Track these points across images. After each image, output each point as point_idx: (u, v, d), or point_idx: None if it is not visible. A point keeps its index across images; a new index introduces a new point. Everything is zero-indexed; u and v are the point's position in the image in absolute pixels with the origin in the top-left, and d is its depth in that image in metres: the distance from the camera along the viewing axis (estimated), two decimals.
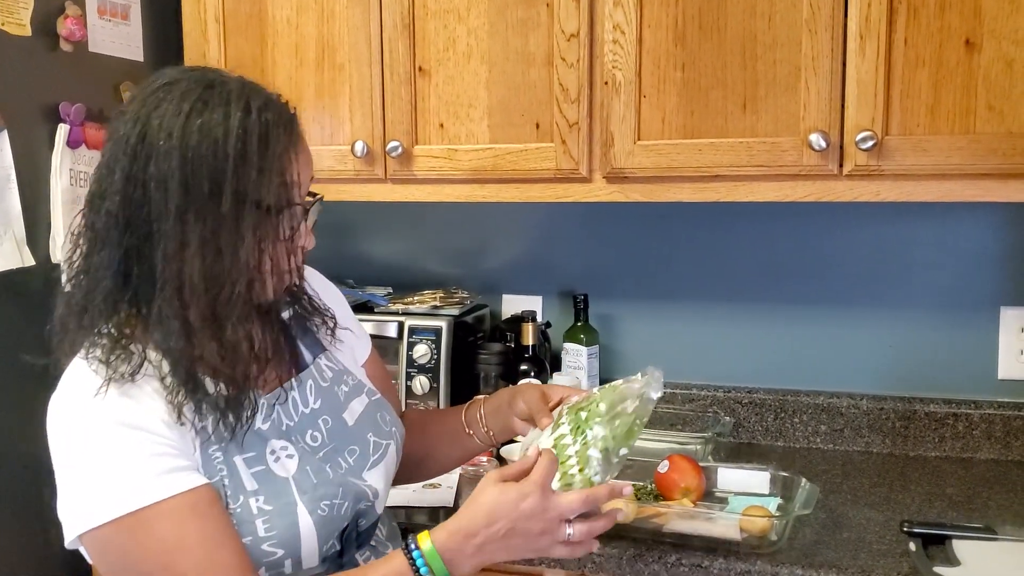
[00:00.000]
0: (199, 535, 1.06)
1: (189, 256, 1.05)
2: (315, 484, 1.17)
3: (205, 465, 1.11)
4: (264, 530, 1.11)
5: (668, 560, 1.44)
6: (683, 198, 1.73)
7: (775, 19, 1.62)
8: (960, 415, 1.93)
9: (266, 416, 1.18)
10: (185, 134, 1.05)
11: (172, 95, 1.08)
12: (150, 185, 1.05)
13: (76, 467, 1.06)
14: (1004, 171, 1.55)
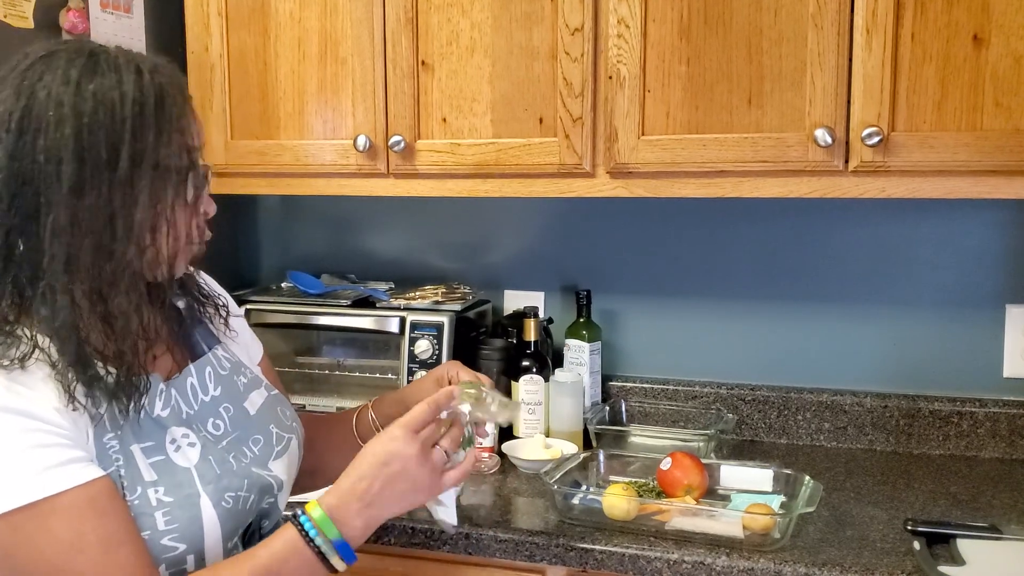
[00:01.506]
0: (98, 533, 0.99)
1: (80, 228, 1.01)
2: (219, 475, 1.13)
3: (100, 455, 1.04)
4: (164, 523, 1.06)
5: (670, 558, 1.44)
6: (687, 194, 1.72)
7: (781, 13, 1.61)
8: (965, 413, 1.92)
9: (165, 403, 1.14)
10: (78, 101, 1.01)
11: (55, 65, 1.03)
12: (39, 159, 1.00)
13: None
14: (1011, 168, 1.54)
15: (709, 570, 1.42)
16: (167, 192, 1.06)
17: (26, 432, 0.98)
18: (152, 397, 1.12)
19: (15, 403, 0.99)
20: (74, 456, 1.00)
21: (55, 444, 0.99)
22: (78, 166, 1.00)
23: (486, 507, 1.66)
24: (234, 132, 1.97)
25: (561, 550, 1.49)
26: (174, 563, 1.07)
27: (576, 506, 1.58)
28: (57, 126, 1.00)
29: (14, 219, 1.01)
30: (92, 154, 1.01)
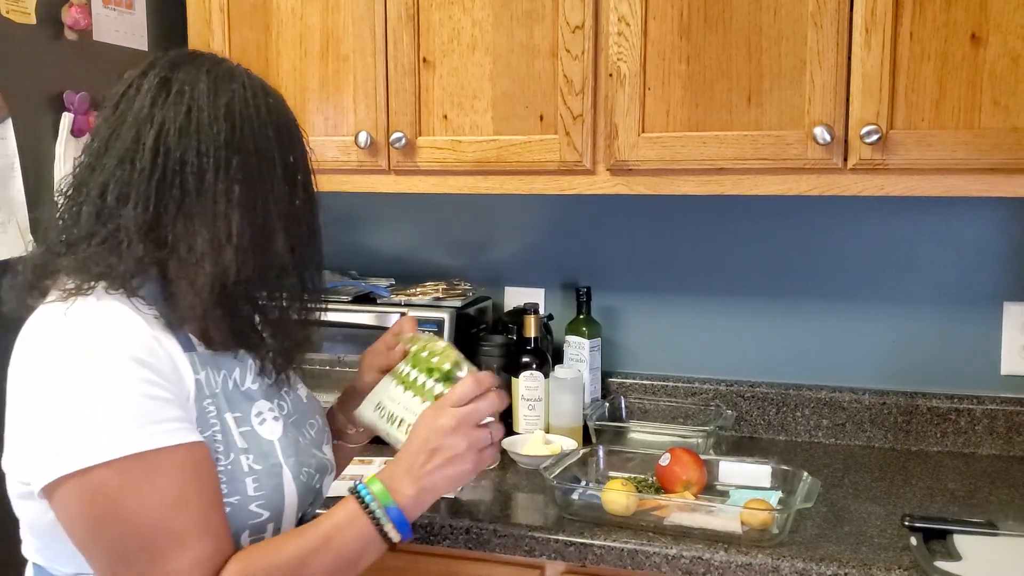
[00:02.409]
0: (199, 495, 1.02)
1: (236, 216, 1.09)
2: (296, 450, 1.18)
3: (200, 418, 1.08)
4: (253, 489, 1.10)
5: (669, 553, 1.45)
6: (687, 191, 1.73)
7: (780, 12, 1.62)
8: (962, 410, 1.93)
9: (254, 376, 1.19)
10: (267, 105, 1.14)
11: (192, 66, 1.13)
12: (209, 159, 1.08)
13: (73, 402, 0.98)
14: (1009, 166, 1.54)
15: (707, 565, 1.43)
16: (301, 190, 1.18)
17: (145, 383, 1.01)
18: (244, 370, 1.18)
19: (139, 352, 1.02)
20: (182, 416, 1.04)
21: (169, 400, 1.03)
22: (276, 166, 1.12)
23: (486, 502, 1.66)
24: None
25: (560, 545, 1.50)
26: (256, 530, 1.11)
27: (575, 501, 1.59)
28: (259, 126, 1.11)
29: (179, 195, 1.07)
30: (280, 157, 1.13)
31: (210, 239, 1.07)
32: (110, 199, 1.08)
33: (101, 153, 1.11)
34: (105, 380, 0.99)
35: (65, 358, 1.00)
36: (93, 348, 1.01)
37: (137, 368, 1.01)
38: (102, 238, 1.07)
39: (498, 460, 1.23)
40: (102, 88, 1.83)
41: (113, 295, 1.05)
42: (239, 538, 1.10)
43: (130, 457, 0.98)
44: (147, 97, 1.10)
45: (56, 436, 0.98)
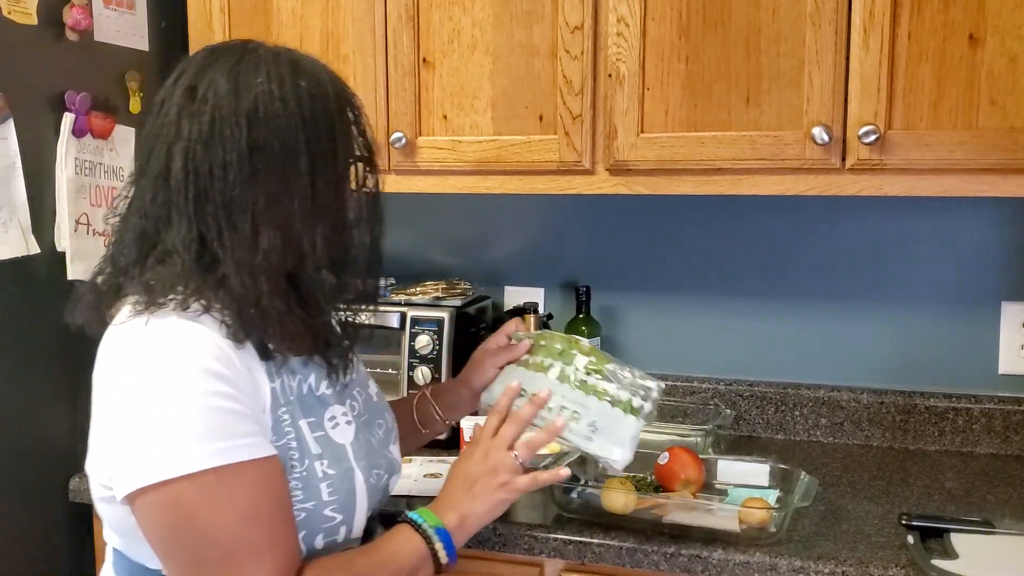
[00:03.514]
0: (270, 507, 1.05)
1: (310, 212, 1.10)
2: (367, 452, 1.21)
3: (275, 427, 1.10)
4: (328, 494, 1.12)
5: (667, 551, 1.45)
6: (686, 191, 1.73)
7: (779, 12, 1.62)
8: (960, 409, 1.94)
9: (330, 381, 1.21)
10: (299, 97, 1.09)
11: (263, 63, 1.10)
12: (270, 150, 1.07)
13: (151, 415, 1.00)
14: (1006, 166, 1.55)
15: (705, 563, 1.43)
16: (347, 185, 1.17)
17: (221, 397, 1.02)
18: (319, 376, 1.19)
19: (214, 366, 1.03)
20: (256, 429, 1.06)
21: (244, 414, 1.05)
22: (307, 159, 1.08)
23: None
24: None
25: (559, 543, 1.51)
26: (329, 533, 1.14)
27: (574, 500, 1.59)
28: (284, 120, 1.08)
29: (258, 193, 1.07)
30: (313, 147, 1.09)
31: (251, 247, 1.06)
32: (150, 223, 1.09)
33: (141, 174, 1.12)
34: (183, 394, 1.00)
35: (144, 371, 1.02)
36: (170, 362, 1.02)
37: (214, 382, 1.02)
38: (157, 259, 1.09)
39: (533, 483, 1.25)
40: (103, 88, 1.84)
41: (184, 314, 1.05)
42: (314, 541, 1.12)
43: (207, 471, 0.99)
44: (174, 109, 1.09)
45: (136, 448, 1.00)
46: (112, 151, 1.85)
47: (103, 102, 1.83)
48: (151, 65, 1.97)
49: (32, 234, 1.69)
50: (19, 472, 1.71)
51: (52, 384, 1.77)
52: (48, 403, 1.77)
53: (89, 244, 1.80)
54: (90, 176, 1.80)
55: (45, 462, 1.76)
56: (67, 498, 1.79)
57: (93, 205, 1.81)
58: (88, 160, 1.79)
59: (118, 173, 1.87)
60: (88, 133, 1.79)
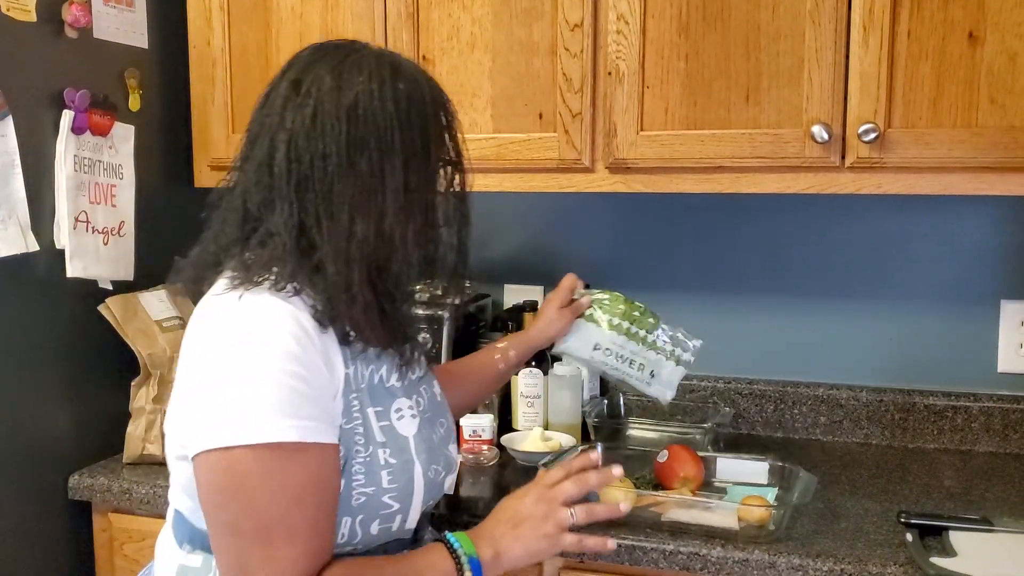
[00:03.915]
0: (318, 493, 1.08)
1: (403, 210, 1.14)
2: (428, 447, 1.23)
3: (345, 411, 1.14)
4: (387, 482, 1.16)
5: (666, 549, 1.45)
6: (685, 189, 1.73)
7: (779, 10, 1.62)
8: (959, 408, 1.94)
9: (400, 375, 1.24)
10: (396, 100, 1.14)
11: (366, 65, 1.15)
12: (366, 147, 1.12)
13: (233, 384, 1.05)
14: (1005, 165, 1.55)
15: (704, 561, 1.44)
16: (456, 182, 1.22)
17: (294, 377, 1.06)
18: (390, 368, 1.23)
19: (293, 347, 1.07)
20: (322, 415, 1.09)
21: (314, 398, 1.08)
22: (402, 157, 1.13)
23: (484, 498, 1.67)
24: (235, 126, 1.99)
25: None
26: (385, 520, 1.17)
27: None
28: (382, 119, 1.12)
29: (354, 187, 1.12)
30: (408, 147, 1.13)
31: (347, 237, 1.11)
32: (253, 206, 1.15)
33: (244, 160, 1.18)
34: (261, 369, 1.05)
35: (230, 342, 1.08)
36: (254, 338, 1.07)
37: (291, 362, 1.06)
38: (258, 240, 1.14)
39: (578, 546, 1.26)
40: (103, 86, 1.84)
41: (277, 294, 1.10)
42: (370, 527, 1.16)
43: (267, 445, 1.04)
44: (279, 101, 1.14)
45: (209, 412, 1.06)
46: (111, 148, 1.85)
47: (102, 99, 1.82)
48: (150, 62, 1.97)
49: (31, 231, 1.69)
50: (18, 470, 1.71)
51: (51, 382, 1.77)
52: (47, 401, 1.77)
53: (88, 241, 1.80)
54: (89, 173, 1.80)
55: (44, 460, 1.76)
56: (67, 496, 1.79)
57: (92, 202, 1.81)
58: (87, 157, 1.79)
59: (117, 170, 1.86)
60: (87, 130, 1.79)
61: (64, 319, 1.79)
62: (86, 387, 1.84)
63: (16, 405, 1.70)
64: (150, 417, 1.81)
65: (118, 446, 1.85)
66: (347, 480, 1.14)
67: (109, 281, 1.86)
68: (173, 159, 2.04)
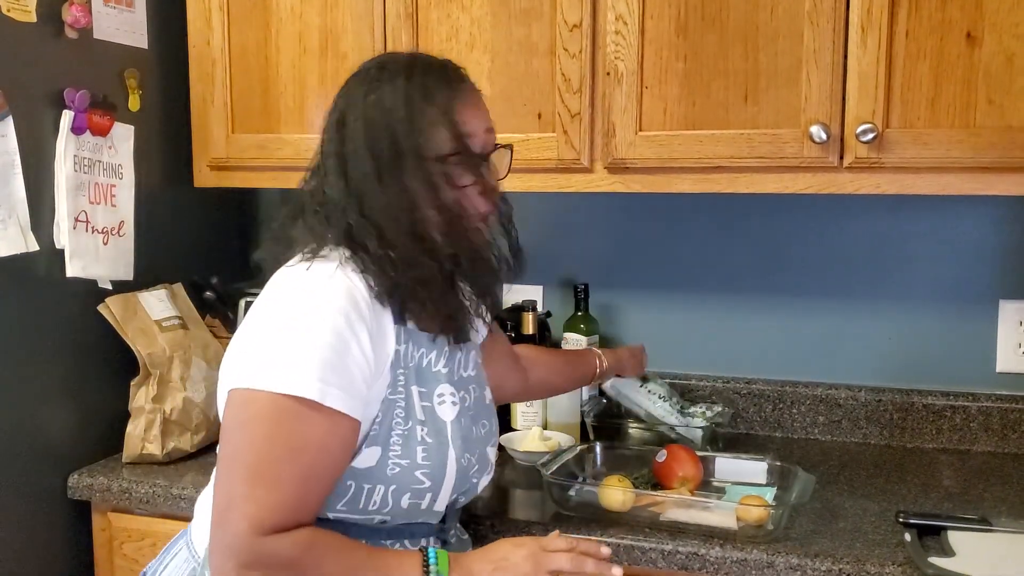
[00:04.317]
0: (316, 456, 1.14)
1: (383, 209, 1.22)
2: (464, 436, 1.30)
3: (391, 382, 1.22)
4: (422, 458, 1.23)
5: (665, 548, 1.46)
6: (684, 189, 1.73)
7: (777, 11, 1.62)
8: (958, 407, 1.94)
9: (447, 361, 1.31)
10: (366, 109, 1.25)
11: (355, 79, 1.30)
12: (350, 154, 1.24)
13: (280, 334, 1.15)
14: (1003, 165, 1.55)
15: (703, 561, 1.44)
16: (435, 178, 1.24)
17: (340, 342, 1.15)
18: (438, 354, 1.30)
19: (350, 313, 1.16)
20: (353, 388, 1.16)
21: (351, 370, 1.15)
22: (373, 160, 1.23)
23: (483, 498, 1.67)
24: (235, 126, 1.99)
25: None
26: (416, 495, 1.24)
27: (572, 497, 1.60)
28: (354, 131, 1.25)
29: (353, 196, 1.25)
30: (379, 150, 1.23)
31: (407, 230, 1.22)
32: (333, 193, 1.25)
33: (322, 154, 1.30)
34: (302, 330, 1.14)
35: (288, 298, 1.19)
36: (306, 303, 1.17)
37: (330, 333, 1.14)
38: (334, 223, 1.24)
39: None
40: (102, 86, 1.84)
41: (343, 267, 1.21)
42: (401, 499, 1.23)
43: (288, 396, 1.12)
44: (346, 95, 1.29)
45: (248, 357, 1.17)
46: (111, 148, 1.85)
47: (102, 100, 1.83)
48: (150, 63, 1.97)
49: (31, 231, 1.69)
50: (18, 469, 1.71)
51: (51, 381, 1.78)
52: (47, 400, 1.77)
53: (88, 241, 1.80)
54: (89, 173, 1.80)
55: (44, 459, 1.76)
56: (66, 496, 1.79)
57: (92, 202, 1.81)
58: (87, 157, 1.79)
59: (117, 170, 1.87)
60: (87, 130, 1.79)
61: (64, 319, 1.79)
62: (86, 387, 1.84)
63: (16, 404, 1.70)
64: (149, 417, 1.82)
65: (117, 446, 1.85)
66: (384, 450, 1.21)
67: (109, 281, 1.86)
68: (173, 159, 2.04)
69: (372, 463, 1.21)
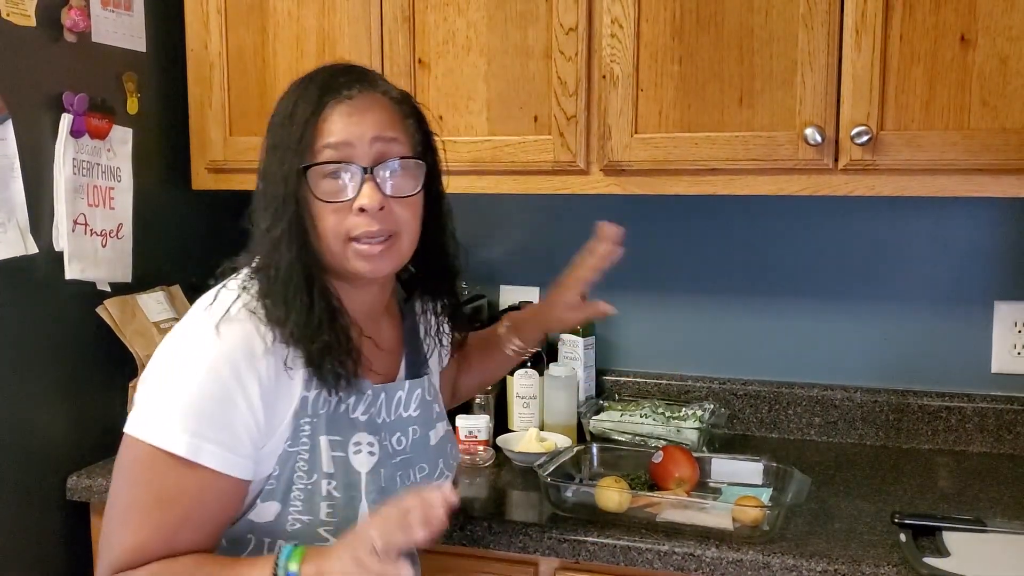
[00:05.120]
0: (185, 510, 1.11)
1: (264, 223, 1.17)
2: (382, 487, 1.21)
3: (293, 433, 1.15)
4: (326, 514, 1.16)
5: (661, 549, 1.46)
6: (680, 191, 1.74)
7: (772, 14, 1.63)
8: (953, 408, 1.95)
9: (366, 407, 1.22)
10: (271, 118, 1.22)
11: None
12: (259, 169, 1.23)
13: (166, 381, 1.12)
14: (997, 167, 1.56)
15: (699, 562, 1.44)
16: (307, 191, 1.16)
17: (214, 400, 1.10)
18: (357, 398, 1.22)
19: (239, 361, 1.11)
20: (232, 446, 1.11)
21: (228, 427, 1.10)
22: (260, 168, 1.21)
23: (480, 500, 1.68)
24: (233, 128, 1.99)
25: (554, 542, 1.51)
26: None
27: (569, 498, 1.60)
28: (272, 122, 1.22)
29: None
30: (264, 157, 1.20)
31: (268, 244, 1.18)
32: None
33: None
34: (186, 380, 1.11)
35: (178, 345, 1.15)
36: (201, 345, 1.12)
37: (215, 384, 1.10)
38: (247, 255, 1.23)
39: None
40: (101, 89, 1.85)
41: (246, 309, 1.15)
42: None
43: (163, 450, 1.09)
44: None
45: (139, 400, 1.14)
46: (110, 151, 1.86)
47: (101, 103, 1.83)
48: (148, 66, 1.97)
49: (30, 234, 1.70)
50: (16, 471, 1.72)
51: (50, 383, 1.78)
52: (45, 402, 1.77)
53: (87, 244, 1.81)
54: (88, 176, 1.81)
55: (43, 461, 1.77)
56: (65, 497, 1.79)
57: (91, 205, 1.81)
58: (86, 160, 1.80)
59: (115, 173, 1.87)
60: (86, 134, 1.79)
61: (63, 321, 1.80)
62: (84, 388, 1.85)
63: (15, 406, 1.71)
64: None
65: (116, 447, 1.84)
66: (283, 506, 1.15)
67: (107, 283, 1.87)
68: (171, 162, 2.04)
69: (271, 518, 1.16)
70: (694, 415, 1.94)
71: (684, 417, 1.94)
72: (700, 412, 1.96)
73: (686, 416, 1.94)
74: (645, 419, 1.93)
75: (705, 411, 1.97)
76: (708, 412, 1.97)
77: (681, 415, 1.95)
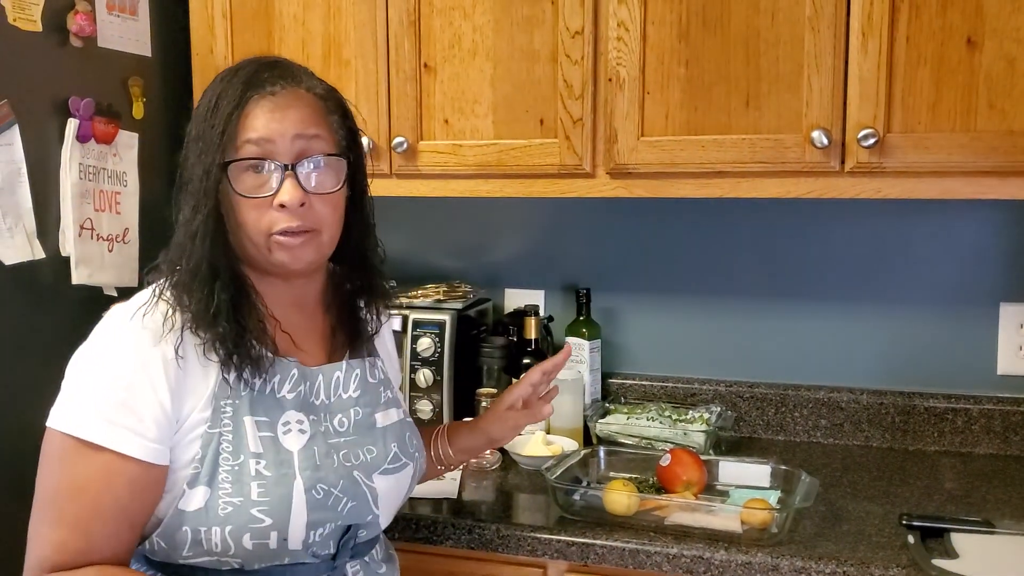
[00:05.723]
0: (98, 496, 1.12)
1: (184, 215, 1.20)
2: (317, 465, 1.19)
3: (212, 415, 1.16)
4: (257, 495, 1.14)
5: (670, 552, 1.46)
6: (686, 194, 1.74)
7: (778, 16, 1.63)
8: (959, 410, 1.95)
9: (293, 386, 1.22)
10: (195, 108, 1.23)
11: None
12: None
13: (81, 378, 1.15)
14: (1004, 169, 1.56)
15: (708, 564, 1.44)
16: (228, 187, 1.18)
17: (121, 388, 1.12)
18: (283, 378, 1.22)
19: (129, 358, 1.13)
20: (142, 430, 1.12)
21: (136, 411, 1.12)
22: (180, 160, 1.23)
23: (488, 502, 1.68)
24: None
25: (562, 545, 1.51)
26: (258, 535, 1.15)
27: (577, 502, 1.60)
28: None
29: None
30: (184, 155, 1.23)
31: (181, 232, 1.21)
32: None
33: None
34: (95, 371, 1.14)
35: (93, 337, 1.18)
36: (112, 336, 1.16)
37: (122, 370, 1.13)
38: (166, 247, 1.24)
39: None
40: (107, 94, 1.85)
41: (157, 298, 1.18)
42: (242, 539, 1.14)
43: (72, 437, 1.12)
44: None
45: (62, 391, 1.16)
46: (116, 156, 1.86)
47: (107, 108, 1.83)
48: (154, 71, 1.98)
49: (37, 239, 1.70)
50: (23, 475, 1.71)
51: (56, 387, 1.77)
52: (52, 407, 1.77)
53: (93, 249, 1.81)
54: (94, 181, 1.81)
55: None
56: None
57: (97, 210, 1.82)
58: (92, 165, 1.80)
59: (122, 178, 1.87)
60: (92, 138, 1.80)
61: (69, 325, 1.80)
62: None
63: (21, 410, 1.71)
64: None
65: None
66: (212, 490, 1.14)
67: (114, 288, 1.87)
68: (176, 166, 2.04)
69: (200, 505, 1.14)
70: (701, 418, 1.95)
71: (691, 420, 1.94)
72: (707, 415, 1.96)
73: (693, 419, 1.94)
74: (652, 422, 1.93)
75: (712, 414, 1.97)
76: (715, 415, 1.97)
77: (688, 418, 1.95)
